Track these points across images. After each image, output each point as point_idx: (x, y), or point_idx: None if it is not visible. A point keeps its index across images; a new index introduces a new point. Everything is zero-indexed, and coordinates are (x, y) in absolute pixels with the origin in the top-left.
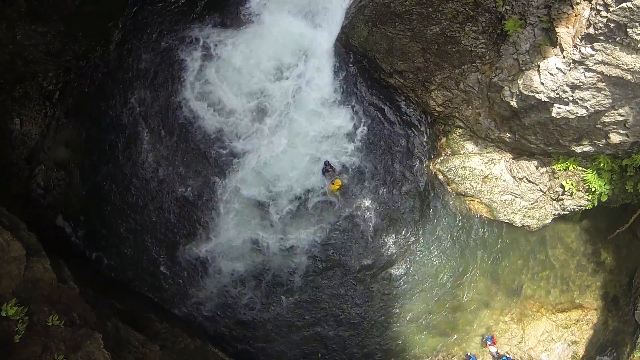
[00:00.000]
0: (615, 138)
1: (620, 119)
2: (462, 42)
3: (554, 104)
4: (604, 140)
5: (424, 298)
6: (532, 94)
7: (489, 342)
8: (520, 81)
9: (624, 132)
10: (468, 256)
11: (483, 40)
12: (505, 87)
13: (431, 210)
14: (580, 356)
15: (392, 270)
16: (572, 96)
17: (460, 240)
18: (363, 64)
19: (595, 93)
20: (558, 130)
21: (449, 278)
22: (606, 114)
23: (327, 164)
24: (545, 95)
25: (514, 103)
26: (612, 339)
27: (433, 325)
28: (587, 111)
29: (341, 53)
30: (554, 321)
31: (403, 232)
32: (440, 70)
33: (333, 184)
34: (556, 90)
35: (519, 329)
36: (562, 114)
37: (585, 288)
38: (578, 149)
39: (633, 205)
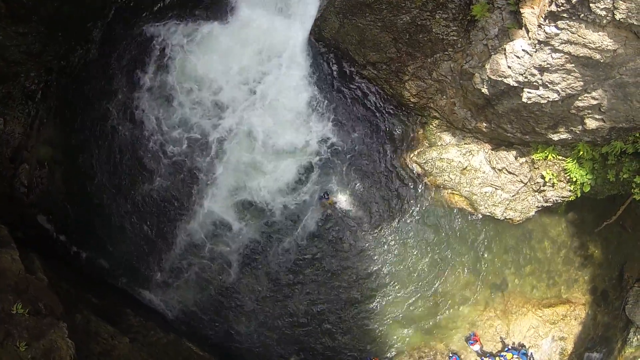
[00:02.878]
0: (591, 124)
1: (595, 102)
2: (433, 30)
3: (524, 89)
4: (580, 127)
5: (404, 293)
6: (500, 79)
7: (470, 343)
8: (487, 66)
9: (599, 117)
10: (449, 250)
11: (454, 28)
12: (476, 74)
13: (409, 204)
14: (569, 352)
15: (371, 265)
16: (541, 79)
17: (440, 234)
18: (336, 56)
19: (565, 75)
20: (532, 118)
21: (430, 273)
22: (579, 98)
23: (326, 196)
24: (513, 79)
25: (485, 90)
26: (602, 334)
27: (414, 321)
28: (558, 95)
29: (314, 46)
30: (540, 317)
31: (380, 227)
32: (412, 60)
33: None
34: (524, 73)
35: (504, 324)
36: (533, 99)
37: (572, 282)
38: (555, 137)
39: (620, 196)
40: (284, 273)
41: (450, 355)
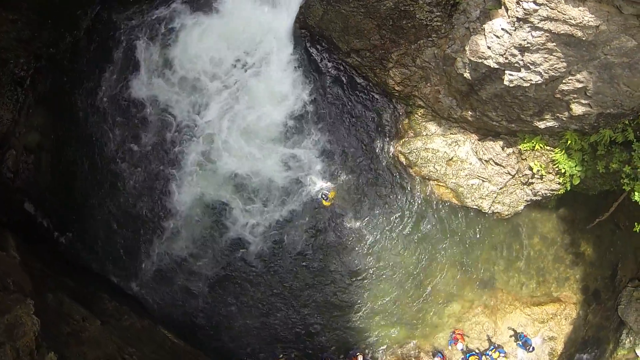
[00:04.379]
0: (577, 109)
1: (580, 85)
2: (417, 16)
3: (505, 71)
4: (566, 113)
5: (389, 288)
6: (480, 61)
7: (451, 343)
8: (467, 47)
9: (585, 101)
10: (435, 245)
11: (438, 13)
12: (458, 59)
13: (394, 196)
14: (559, 353)
15: (354, 260)
16: (522, 60)
17: (426, 228)
18: (321, 44)
19: (546, 55)
20: (517, 104)
21: (415, 268)
22: (564, 81)
23: (325, 196)
24: (494, 60)
25: (467, 74)
26: (594, 335)
27: (399, 317)
28: (541, 77)
29: (299, 34)
30: (529, 315)
31: (363, 220)
32: (396, 47)
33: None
34: (504, 54)
35: (491, 322)
36: (515, 82)
37: (563, 281)
38: (541, 125)
39: (613, 193)
40: (267, 269)
41: (434, 353)
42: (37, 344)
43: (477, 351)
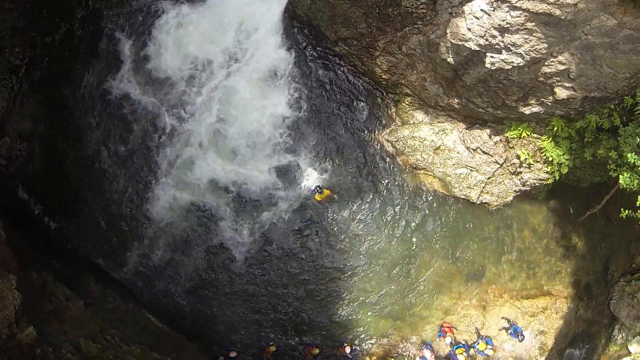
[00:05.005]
0: (561, 93)
1: (562, 68)
2: (403, 3)
3: (487, 53)
4: (551, 97)
5: (377, 279)
6: (461, 43)
7: (440, 336)
8: (448, 30)
9: (569, 84)
10: (424, 235)
11: (423, 1)
12: (441, 44)
13: (381, 185)
14: (549, 347)
15: (342, 250)
16: (502, 42)
17: (414, 218)
18: (309, 33)
19: (526, 36)
20: (501, 88)
21: (403, 258)
22: (546, 63)
23: (319, 190)
24: (474, 42)
25: (450, 59)
26: (585, 330)
27: (387, 308)
28: (522, 59)
29: (288, 24)
30: (519, 308)
31: (352, 208)
32: (382, 35)
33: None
34: (484, 35)
35: (480, 314)
36: (497, 64)
37: (554, 274)
38: (526, 110)
39: (605, 185)
40: (254, 261)
41: (422, 345)
42: (17, 317)
43: (463, 343)
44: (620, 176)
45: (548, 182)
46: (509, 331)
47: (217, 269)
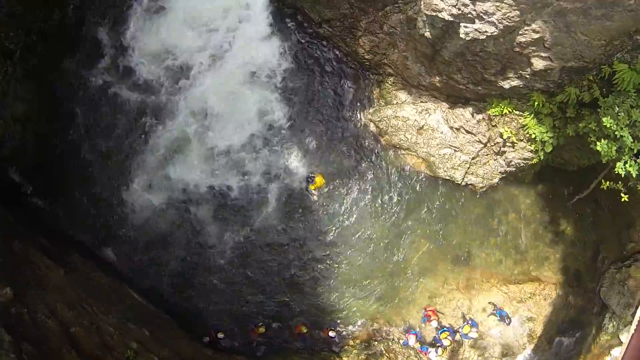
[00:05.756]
0: (538, 63)
1: (536, 36)
2: None
3: (460, 23)
4: (528, 69)
5: (361, 263)
6: (435, 14)
7: (423, 320)
8: (422, 1)
9: (545, 54)
10: (409, 218)
11: None
12: (418, 19)
13: (365, 166)
14: (538, 335)
15: (326, 233)
16: (474, 10)
17: (399, 201)
18: (295, 16)
19: (498, 3)
20: (479, 62)
21: (388, 242)
22: (520, 32)
23: (311, 180)
24: (447, 12)
25: (427, 33)
26: (575, 318)
27: (371, 292)
28: (496, 28)
29: (274, 7)
30: (506, 293)
31: (335, 191)
32: (364, 15)
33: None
34: (456, 4)
35: (466, 299)
36: (471, 34)
37: (542, 260)
38: (506, 84)
39: (594, 170)
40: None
41: (407, 329)
42: None
43: (448, 326)
44: (598, 143)
45: (533, 161)
46: (496, 316)
47: (204, 254)
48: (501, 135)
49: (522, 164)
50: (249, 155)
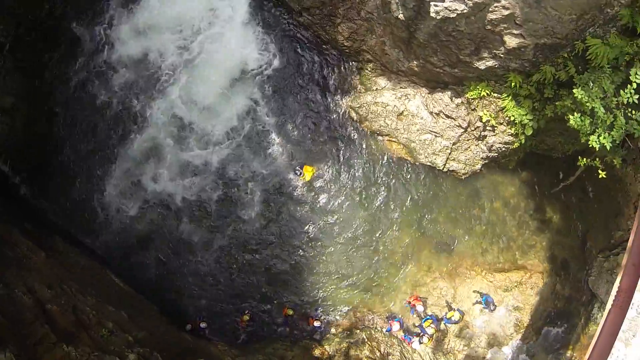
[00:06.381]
0: (511, 41)
1: (507, 12)
2: None
3: (430, 2)
4: (502, 48)
5: (342, 249)
6: None
7: (412, 312)
8: None
9: (517, 31)
10: (389, 204)
11: None
12: (392, 1)
13: (346, 154)
14: (525, 325)
15: (309, 221)
16: None
17: (381, 188)
18: (276, 6)
19: None
20: (453, 42)
21: (370, 229)
22: (490, 9)
23: (299, 172)
24: None
25: (401, 15)
26: (563, 308)
27: (354, 281)
28: (466, 5)
29: None
30: (492, 282)
31: (317, 179)
32: (342, 2)
33: (304, 173)
34: None
35: (450, 287)
36: (442, 13)
37: (528, 248)
38: (481, 65)
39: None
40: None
41: (390, 317)
42: None
43: (430, 314)
44: (571, 117)
45: (514, 145)
46: (482, 303)
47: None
48: (481, 119)
49: (503, 149)
50: (230, 146)
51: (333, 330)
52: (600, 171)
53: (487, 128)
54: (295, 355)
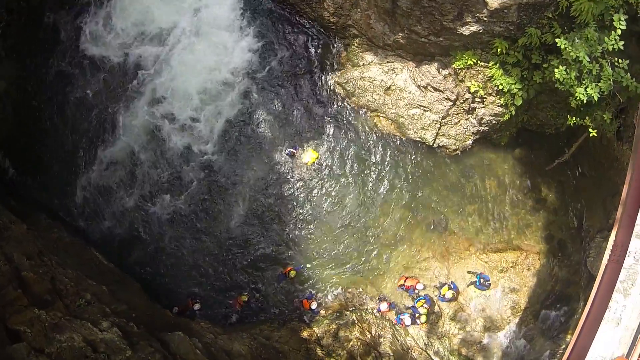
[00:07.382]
0: (493, 2)
1: None
2: None
3: None
4: (485, 10)
5: (331, 229)
6: None
7: (411, 293)
8: None
9: None
10: (381, 184)
11: None
12: None
13: (334, 130)
14: (523, 307)
15: (296, 201)
16: None
17: (370, 166)
18: None
19: None
20: (435, 8)
21: (360, 209)
22: None
23: (291, 154)
24: None
25: None
26: (561, 290)
27: (345, 262)
28: None
29: None
30: (486, 262)
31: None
32: None
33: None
34: None
35: (443, 267)
36: None
37: (523, 227)
38: (465, 30)
39: (574, 134)
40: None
41: (381, 298)
42: None
43: (424, 295)
44: (556, 70)
45: (505, 117)
46: (476, 283)
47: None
48: (469, 90)
49: (494, 122)
50: (220, 118)
51: (322, 312)
52: (590, 130)
53: (476, 99)
54: (281, 335)
